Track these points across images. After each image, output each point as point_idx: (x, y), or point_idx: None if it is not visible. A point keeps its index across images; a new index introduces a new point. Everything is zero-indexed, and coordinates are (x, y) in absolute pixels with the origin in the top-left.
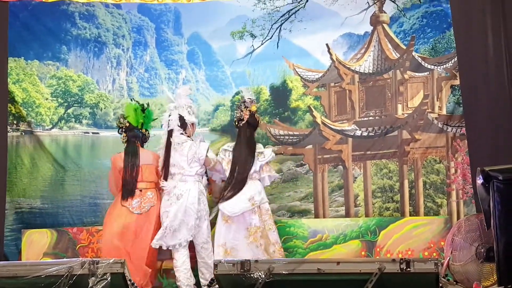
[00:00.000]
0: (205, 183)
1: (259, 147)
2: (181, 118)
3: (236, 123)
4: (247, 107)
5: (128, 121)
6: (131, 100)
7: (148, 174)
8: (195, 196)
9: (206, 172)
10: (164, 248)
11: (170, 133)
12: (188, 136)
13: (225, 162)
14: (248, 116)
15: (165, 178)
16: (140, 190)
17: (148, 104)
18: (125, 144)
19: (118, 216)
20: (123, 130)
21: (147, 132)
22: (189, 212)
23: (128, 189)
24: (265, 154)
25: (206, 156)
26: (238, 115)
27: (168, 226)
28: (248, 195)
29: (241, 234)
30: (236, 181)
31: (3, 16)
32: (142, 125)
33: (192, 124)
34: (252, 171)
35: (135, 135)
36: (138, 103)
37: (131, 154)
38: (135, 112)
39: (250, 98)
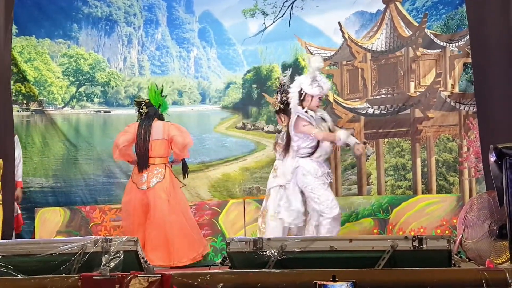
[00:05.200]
0: None
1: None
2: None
3: (281, 107)
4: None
5: (148, 98)
6: (155, 85)
7: (159, 149)
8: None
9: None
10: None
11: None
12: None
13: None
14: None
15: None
16: (148, 166)
17: (165, 97)
18: (143, 116)
19: (126, 193)
20: (144, 104)
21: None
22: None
23: (141, 163)
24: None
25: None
26: (283, 99)
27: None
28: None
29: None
30: None
31: None
32: (159, 107)
33: (312, 96)
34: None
35: (155, 111)
36: (157, 88)
37: (145, 127)
38: (155, 93)
39: (286, 83)
